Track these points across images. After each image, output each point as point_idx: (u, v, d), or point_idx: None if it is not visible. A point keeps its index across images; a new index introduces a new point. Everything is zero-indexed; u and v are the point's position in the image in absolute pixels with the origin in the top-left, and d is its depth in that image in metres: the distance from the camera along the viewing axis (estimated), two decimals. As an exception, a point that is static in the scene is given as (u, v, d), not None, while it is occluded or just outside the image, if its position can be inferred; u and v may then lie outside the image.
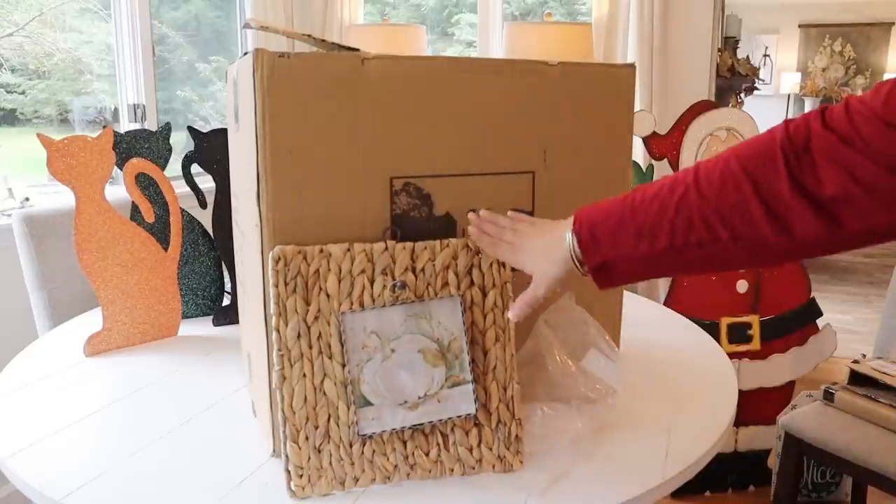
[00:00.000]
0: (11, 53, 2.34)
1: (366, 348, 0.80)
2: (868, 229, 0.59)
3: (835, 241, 0.61)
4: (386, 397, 0.80)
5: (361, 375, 0.79)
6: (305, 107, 0.79)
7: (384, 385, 0.80)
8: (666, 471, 0.83)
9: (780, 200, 0.61)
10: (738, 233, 0.64)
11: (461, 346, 0.82)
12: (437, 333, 0.82)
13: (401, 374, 0.80)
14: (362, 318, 0.80)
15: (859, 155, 0.57)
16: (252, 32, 2.88)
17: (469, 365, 0.82)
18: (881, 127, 0.57)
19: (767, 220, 0.62)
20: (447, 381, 0.81)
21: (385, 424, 0.79)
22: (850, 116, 0.59)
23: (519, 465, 0.83)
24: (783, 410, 1.92)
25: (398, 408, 0.80)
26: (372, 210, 0.84)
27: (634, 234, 0.69)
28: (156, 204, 1.32)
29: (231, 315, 1.35)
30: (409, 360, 0.81)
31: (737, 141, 1.95)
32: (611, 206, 0.73)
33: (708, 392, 1.05)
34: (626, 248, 0.70)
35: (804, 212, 0.60)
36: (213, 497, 0.77)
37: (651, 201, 0.69)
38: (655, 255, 0.69)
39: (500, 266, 0.85)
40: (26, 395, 1.03)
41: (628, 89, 0.99)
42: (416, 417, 0.80)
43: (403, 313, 0.81)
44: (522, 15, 3.66)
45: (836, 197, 0.59)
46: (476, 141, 0.89)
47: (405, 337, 0.81)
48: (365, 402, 0.79)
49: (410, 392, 0.80)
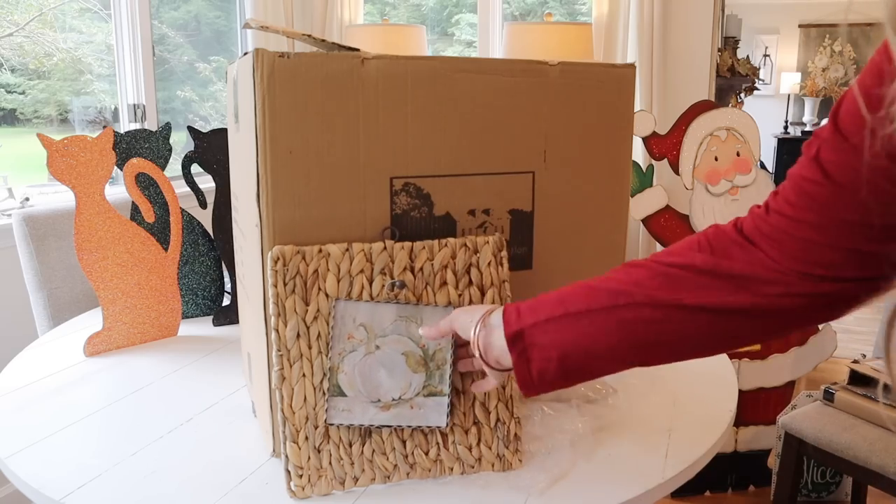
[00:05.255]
0: (11, 53, 2.34)
1: (351, 339, 0.80)
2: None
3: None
4: (360, 392, 0.79)
5: (341, 364, 0.79)
6: (305, 107, 0.79)
7: (361, 379, 0.80)
8: (666, 471, 0.83)
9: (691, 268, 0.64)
10: (655, 296, 0.64)
11: (445, 359, 0.82)
12: (425, 340, 0.82)
13: (380, 372, 0.80)
14: (354, 308, 0.80)
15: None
16: (252, 32, 2.89)
17: (449, 379, 0.81)
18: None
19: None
20: (424, 390, 0.81)
21: (354, 418, 0.79)
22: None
23: (518, 464, 0.83)
24: (783, 410, 1.92)
25: (370, 405, 0.80)
26: (372, 210, 0.84)
27: (555, 300, 0.70)
28: (156, 204, 1.32)
29: (231, 315, 1.35)
30: (392, 360, 0.81)
31: (737, 141, 1.95)
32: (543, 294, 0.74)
33: (708, 392, 1.05)
34: (543, 314, 0.70)
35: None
36: (212, 497, 0.78)
37: (578, 282, 0.71)
38: (570, 322, 0.68)
39: (498, 265, 0.85)
40: (26, 395, 1.03)
41: (628, 89, 0.99)
42: (386, 419, 0.80)
43: (396, 313, 0.81)
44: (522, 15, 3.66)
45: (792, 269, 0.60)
46: (476, 141, 0.89)
47: (392, 336, 0.81)
48: (339, 391, 0.79)
49: (386, 392, 0.80)
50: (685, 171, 1.96)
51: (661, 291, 0.64)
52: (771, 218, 0.60)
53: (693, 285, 0.63)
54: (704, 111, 1.95)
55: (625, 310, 0.65)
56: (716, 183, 1.95)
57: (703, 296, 0.63)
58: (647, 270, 0.66)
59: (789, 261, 0.59)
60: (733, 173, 1.95)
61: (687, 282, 0.64)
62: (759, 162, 1.98)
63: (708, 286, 0.63)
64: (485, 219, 0.91)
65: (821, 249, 0.57)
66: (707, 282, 0.63)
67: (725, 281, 0.62)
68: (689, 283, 0.64)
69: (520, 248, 0.94)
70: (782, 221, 0.59)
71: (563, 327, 0.68)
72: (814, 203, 0.56)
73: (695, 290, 0.63)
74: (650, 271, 0.66)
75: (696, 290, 0.63)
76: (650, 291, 0.65)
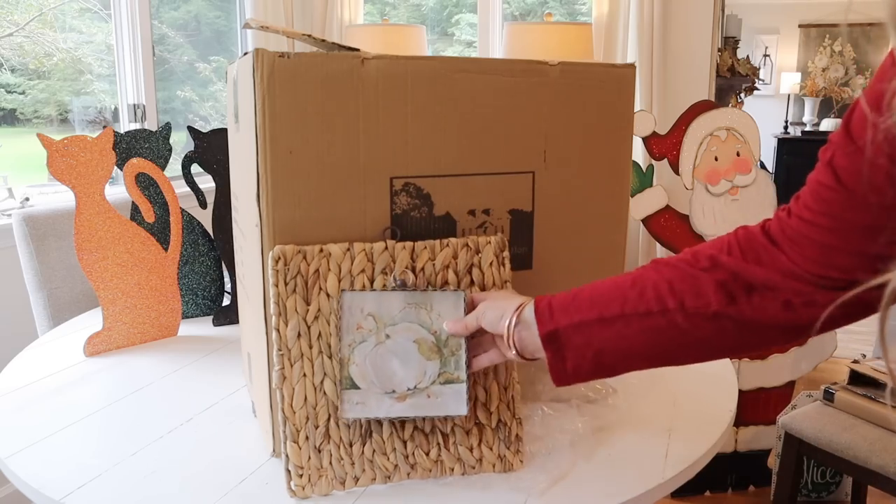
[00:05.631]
0: (11, 53, 2.34)
1: (360, 329, 0.78)
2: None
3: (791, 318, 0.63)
4: (374, 383, 0.78)
5: (352, 356, 0.78)
6: (305, 107, 0.79)
7: (374, 370, 0.78)
8: (666, 471, 0.83)
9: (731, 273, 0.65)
10: (685, 301, 0.66)
11: (459, 343, 0.80)
12: (436, 326, 0.80)
13: (393, 362, 0.78)
14: (361, 298, 0.79)
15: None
16: (252, 32, 2.88)
17: (465, 364, 0.80)
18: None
19: (716, 289, 0.65)
20: (440, 377, 0.79)
21: (369, 412, 0.77)
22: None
23: (519, 465, 0.83)
24: (783, 410, 1.92)
25: (385, 396, 0.78)
26: (372, 210, 0.84)
27: (589, 301, 0.71)
28: (156, 204, 1.32)
29: (231, 315, 1.35)
30: (403, 348, 0.79)
31: (737, 141, 1.95)
32: (574, 289, 0.75)
33: (708, 392, 1.05)
34: (578, 315, 0.71)
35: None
36: (212, 497, 0.77)
37: (613, 278, 0.72)
38: (605, 325, 0.70)
39: (500, 265, 0.85)
40: (26, 395, 1.03)
41: (628, 89, 0.99)
42: (403, 410, 0.78)
43: (403, 301, 0.80)
44: (522, 15, 3.66)
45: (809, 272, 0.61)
46: (476, 141, 0.89)
47: (402, 324, 0.79)
48: (351, 384, 0.77)
49: (400, 382, 0.78)
50: (685, 171, 1.96)
51: (691, 298, 0.66)
52: (792, 221, 0.62)
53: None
54: (704, 111, 1.95)
55: (658, 316, 0.67)
56: (716, 183, 1.95)
57: (729, 305, 0.65)
58: (679, 272, 0.68)
59: (808, 263, 0.61)
60: (733, 173, 1.95)
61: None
62: (759, 162, 1.98)
63: (733, 295, 0.65)
64: (485, 219, 0.91)
65: (836, 253, 0.58)
66: (732, 289, 0.65)
67: (747, 289, 0.64)
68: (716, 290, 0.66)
69: (520, 248, 0.94)
70: (802, 225, 0.61)
71: (597, 330, 0.70)
72: (828, 207, 0.58)
73: (723, 298, 0.65)
74: (681, 273, 0.68)
75: (724, 298, 0.65)
76: (682, 297, 0.66)
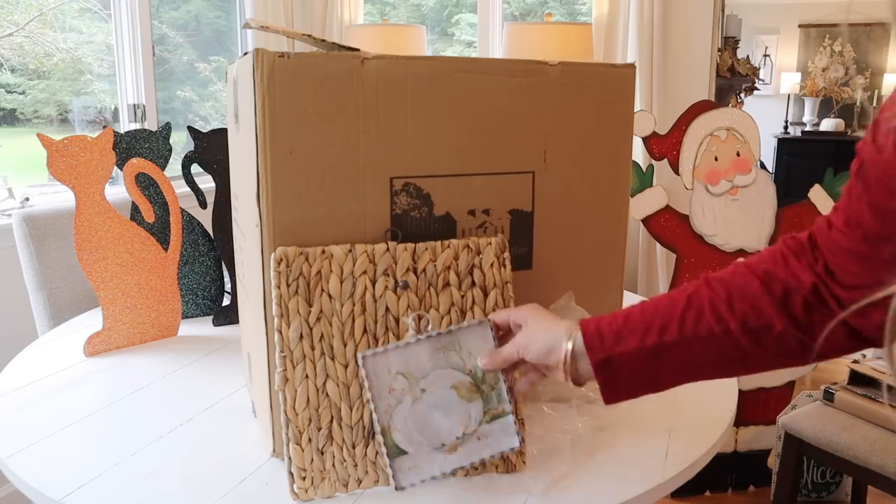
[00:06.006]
0: (11, 53, 2.34)
1: (393, 392, 0.74)
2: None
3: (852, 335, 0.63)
4: (421, 443, 0.74)
5: (391, 423, 0.73)
6: (305, 107, 0.79)
7: (417, 429, 0.74)
8: (666, 471, 0.83)
9: (789, 289, 0.65)
10: (748, 322, 0.65)
11: (496, 376, 0.77)
12: (469, 365, 0.77)
13: (435, 416, 0.74)
14: (386, 359, 0.75)
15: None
16: (252, 32, 2.88)
17: (507, 394, 0.76)
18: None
19: (776, 307, 0.65)
20: (486, 416, 0.76)
21: (423, 473, 0.74)
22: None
23: (522, 466, 0.83)
24: (783, 410, 1.92)
25: (435, 452, 0.74)
26: (372, 210, 0.84)
27: (642, 326, 0.69)
28: (156, 204, 1.32)
29: (231, 315, 1.35)
30: (442, 398, 0.75)
31: (737, 141, 1.95)
32: (617, 312, 0.73)
33: (708, 392, 1.05)
34: (633, 341, 0.69)
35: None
36: (212, 497, 0.77)
37: (661, 299, 0.70)
38: (663, 351, 0.68)
39: (500, 266, 0.85)
40: (26, 395, 1.03)
41: (628, 89, 0.99)
42: (457, 461, 0.75)
43: (430, 347, 0.76)
44: (522, 15, 3.66)
45: (852, 285, 0.61)
46: (476, 141, 0.89)
47: (434, 373, 0.75)
48: (399, 451, 0.73)
49: (447, 434, 0.74)
50: (685, 171, 1.96)
51: (754, 318, 0.66)
52: (833, 233, 0.63)
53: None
54: (704, 111, 1.95)
55: (721, 339, 0.66)
56: (716, 183, 1.95)
57: (792, 326, 0.65)
58: (735, 290, 0.67)
59: (846, 275, 0.62)
60: (733, 173, 1.95)
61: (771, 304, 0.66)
62: (759, 162, 1.98)
63: (793, 313, 0.65)
64: (485, 219, 0.91)
65: (870, 262, 0.59)
66: (792, 307, 0.65)
67: (806, 307, 0.65)
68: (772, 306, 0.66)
69: (520, 248, 0.94)
70: (837, 235, 0.62)
71: (655, 355, 0.69)
72: (859, 217, 0.59)
73: (785, 318, 0.66)
74: (738, 291, 0.67)
75: (786, 318, 0.66)
76: (744, 318, 0.66)
